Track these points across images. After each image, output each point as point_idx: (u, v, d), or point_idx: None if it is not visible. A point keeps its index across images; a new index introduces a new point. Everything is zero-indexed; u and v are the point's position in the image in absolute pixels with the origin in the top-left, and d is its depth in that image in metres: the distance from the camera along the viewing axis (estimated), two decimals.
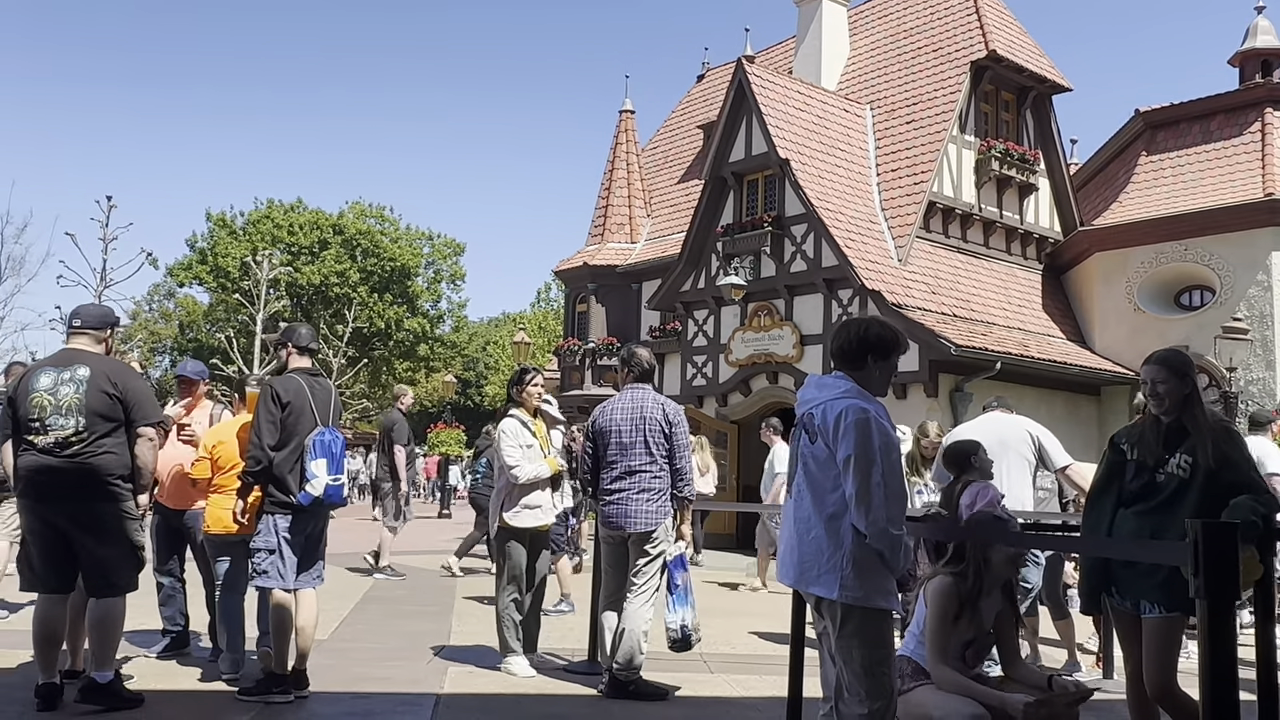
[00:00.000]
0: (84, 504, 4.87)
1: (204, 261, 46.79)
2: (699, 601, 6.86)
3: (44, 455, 4.83)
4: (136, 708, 4.94)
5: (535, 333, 43.00)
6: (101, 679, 4.85)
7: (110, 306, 5.79)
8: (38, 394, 4.88)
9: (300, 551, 5.36)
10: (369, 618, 8.22)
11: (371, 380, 49.62)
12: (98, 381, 4.91)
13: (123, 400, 4.95)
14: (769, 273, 17.05)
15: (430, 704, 5.32)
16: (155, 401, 5.16)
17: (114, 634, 4.98)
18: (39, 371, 5.01)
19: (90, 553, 4.89)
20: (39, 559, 4.95)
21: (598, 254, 21.24)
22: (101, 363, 5.04)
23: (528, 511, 6.21)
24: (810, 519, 3.47)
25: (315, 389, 5.48)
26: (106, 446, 4.91)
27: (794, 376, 16.40)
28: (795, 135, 17.13)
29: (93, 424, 4.87)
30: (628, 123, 22.64)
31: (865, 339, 3.59)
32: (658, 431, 5.74)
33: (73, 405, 4.86)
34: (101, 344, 5.19)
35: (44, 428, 4.84)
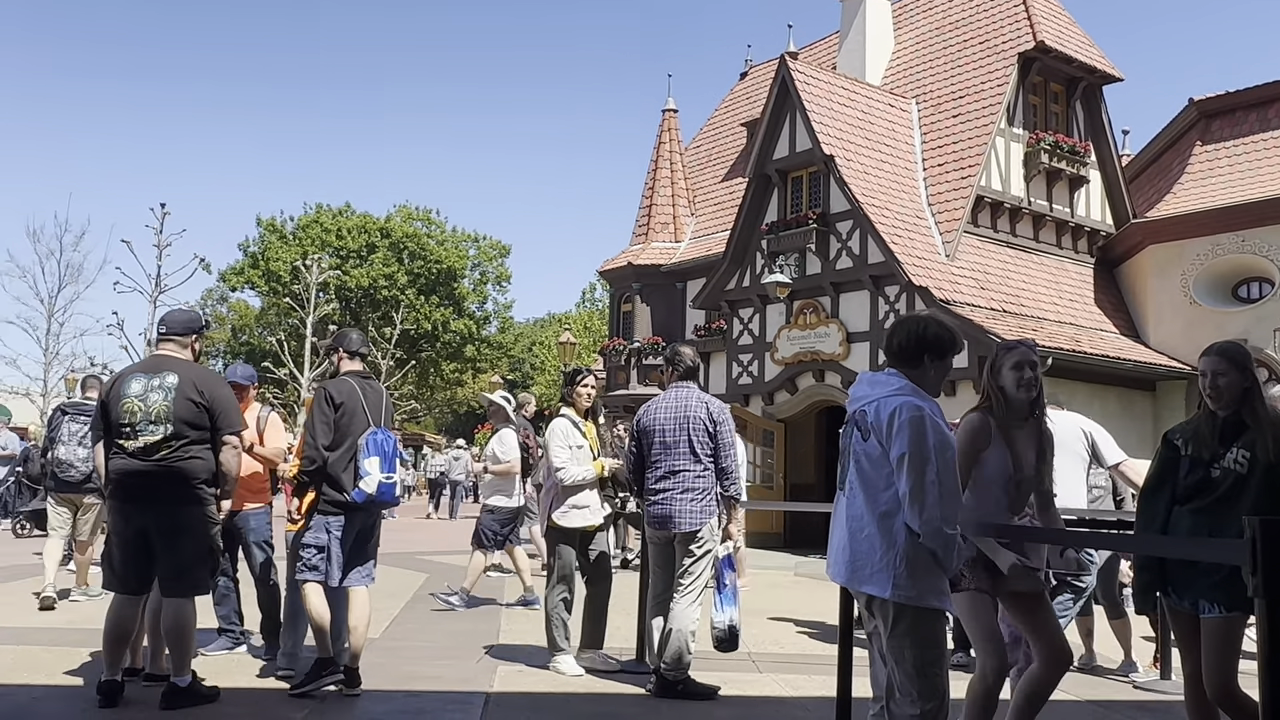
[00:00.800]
0: (168, 507, 4.99)
1: (255, 266, 47.57)
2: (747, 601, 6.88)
3: (133, 459, 4.97)
4: (215, 701, 5.08)
5: (580, 333, 43.14)
6: (181, 683, 4.98)
7: (197, 311, 5.90)
8: (129, 400, 5.01)
9: (350, 550, 5.44)
10: (419, 617, 8.30)
11: (419, 381, 50.11)
12: (185, 390, 5.02)
13: (209, 409, 5.06)
14: (814, 270, 16.95)
15: (480, 702, 5.36)
16: (239, 410, 5.26)
17: (189, 639, 5.12)
18: (130, 377, 5.13)
19: (169, 554, 5.01)
20: (120, 559, 5.08)
21: (642, 253, 21.24)
22: (189, 370, 5.16)
23: (575, 511, 6.23)
24: (862, 517, 3.44)
25: (367, 391, 5.56)
26: (193, 453, 5.03)
27: (841, 374, 16.28)
28: (840, 131, 17.01)
29: (180, 431, 4.99)
30: (671, 121, 22.62)
31: (923, 338, 3.55)
32: (701, 431, 5.72)
33: (161, 412, 4.98)
34: (188, 349, 5.32)
35: (134, 433, 4.97)
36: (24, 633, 7.01)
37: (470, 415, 54.86)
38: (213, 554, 5.19)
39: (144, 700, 5.03)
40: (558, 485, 6.20)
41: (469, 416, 55.22)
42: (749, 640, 7.54)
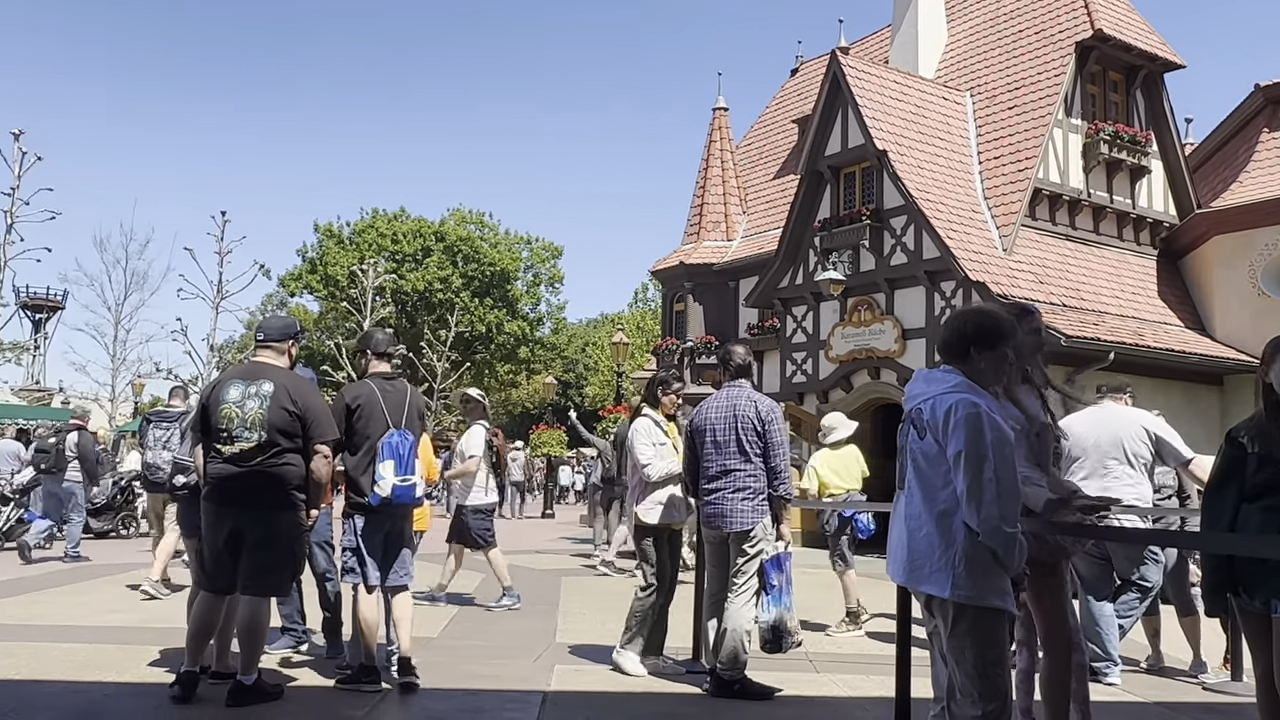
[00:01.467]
0: (261, 512, 5.10)
1: (314, 271, 48.37)
2: (803, 600, 6.83)
3: (228, 464, 5.09)
4: (279, 699, 5.18)
5: (633, 333, 43.24)
6: (247, 680, 5.09)
7: (293, 318, 6.02)
8: (227, 405, 5.13)
9: (380, 551, 5.52)
10: (476, 616, 8.37)
11: (474, 383, 50.53)
12: (280, 398, 5.13)
13: (302, 418, 5.15)
14: (868, 266, 16.79)
15: (538, 701, 5.39)
16: (332, 419, 5.34)
17: (261, 639, 5.24)
18: (230, 383, 5.24)
19: (254, 555, 5.12)
20: (210, 560, 5.21)
21: (694, 252, 21.21)
22: (285, 378, 5.26)
23: (659, 508, 6.24)
24: (921, 516, 3.40)
25: (388, 392, 5.60)
26: (285, 460, 5.13)
27: (896, 371, 16.11)
28: (893, 125, 16.83)
29: (274, 438, 5.09)
30: (721, 120, 22.56)
31: (964, 331, 3.50)
32: (751, 430, 5.69)
33: (257, 420, 5.09)
34: (283, 355, 5.42)
35: (231, 438, 5.09)
36: (97, 631, 7.21)
37: (525, 416, 55.22)
38: (296, 559, 5.30)
39: (210, 698, 5.14)
40: (643, 482, 6.23)
41: (524, 417, 55.59)
42: (806, 640, 7.50)
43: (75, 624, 7.58)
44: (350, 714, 5.04)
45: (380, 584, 5.55)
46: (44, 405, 29.92)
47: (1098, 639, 6.05)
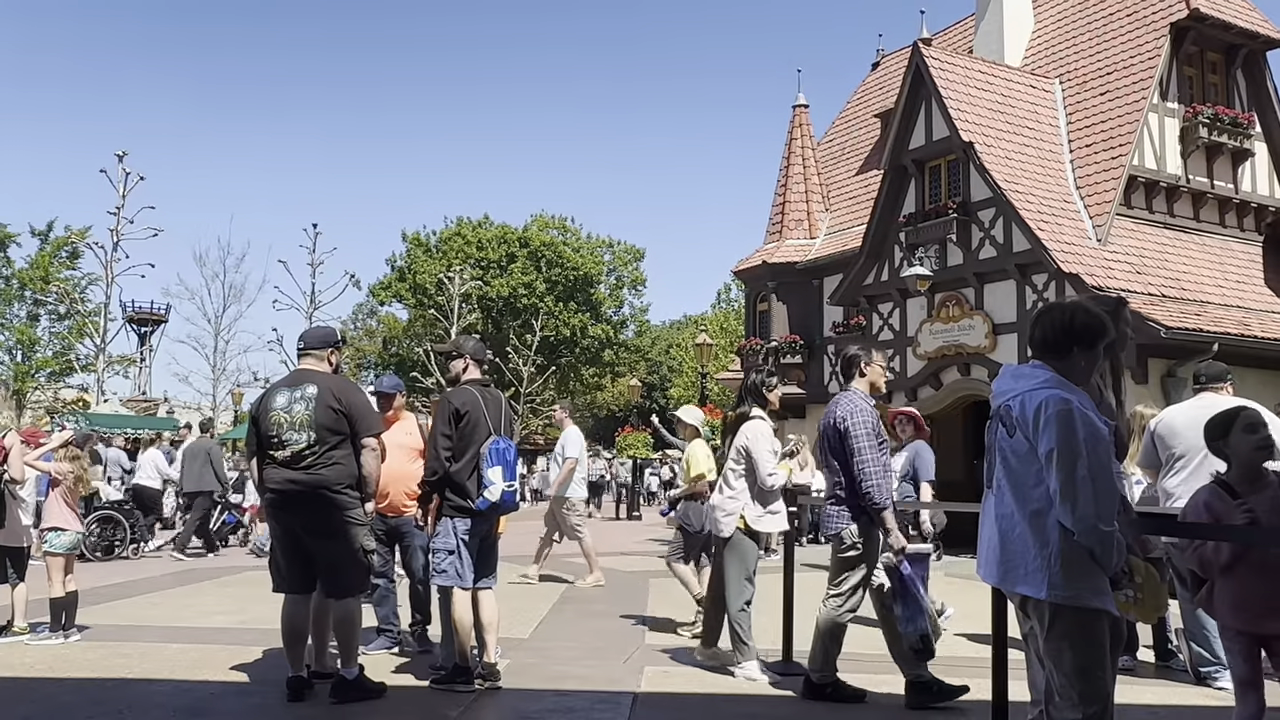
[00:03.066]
0: (317, 511, 5.26)
1: (402, 280, 49.44)
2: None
3: (282, 468, 5.27)
4: (380, 697, 5.32)
5: (717, 333, 43.09)
6: (349, 675, 5.25)
7: (332, 327, 6.22)
8: (275, 412, 5.32)
9: (477, 553, 5.61)
10: (566, 618, 8.44)
11: (559, 387, 50.99)
12: (324, 398, 5.30)
13: (347, 415, 5.32)
14: (956, 261, 16.46)
15: (628, 702, 5.41)
16: (376, 414, 5.52)
17: (355, 634, 5.39)
18: (276, 391, 5.45)
19: (323, 557, 5.30)
20: (283, 562, 5.41)
21: (776, 251, 21.06)
22: (328, 380, 5.44)
23: (771, 517, 6.15)
24: (1013, 516, 3.31)
25: (487, 399, 5.71)
26: (335, 458, 5.29)
27: (987, 368, 15.75)
28: (978, 116, 16.48)
29: (322, 437, 5.26)
30: (802, 117, 22.36)
31: (1071, 327, 3.37)
32: (834, 437, 5.58)
33: (304, 421, 5.26)
34: (325, 362, 5.60)
35: (281, 443, 5.27)
36: (203, 633, 7.48)
37: (610, 419, 55.49)
38: (365, 554, 5.42)
39: (313, 696, 5.29)
40: (761, 488, 6.07)
41: (609, 420, 55.87)
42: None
43: (183, 625, 7.87)
44: (445, 713, 5.13)
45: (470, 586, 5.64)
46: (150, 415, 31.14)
47: (1205, 643, 5.82)
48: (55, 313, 36.02)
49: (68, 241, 34.74)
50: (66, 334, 36.27)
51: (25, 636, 7.00)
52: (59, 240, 35.35)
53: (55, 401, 31.98)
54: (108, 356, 31.29)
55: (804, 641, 6.69)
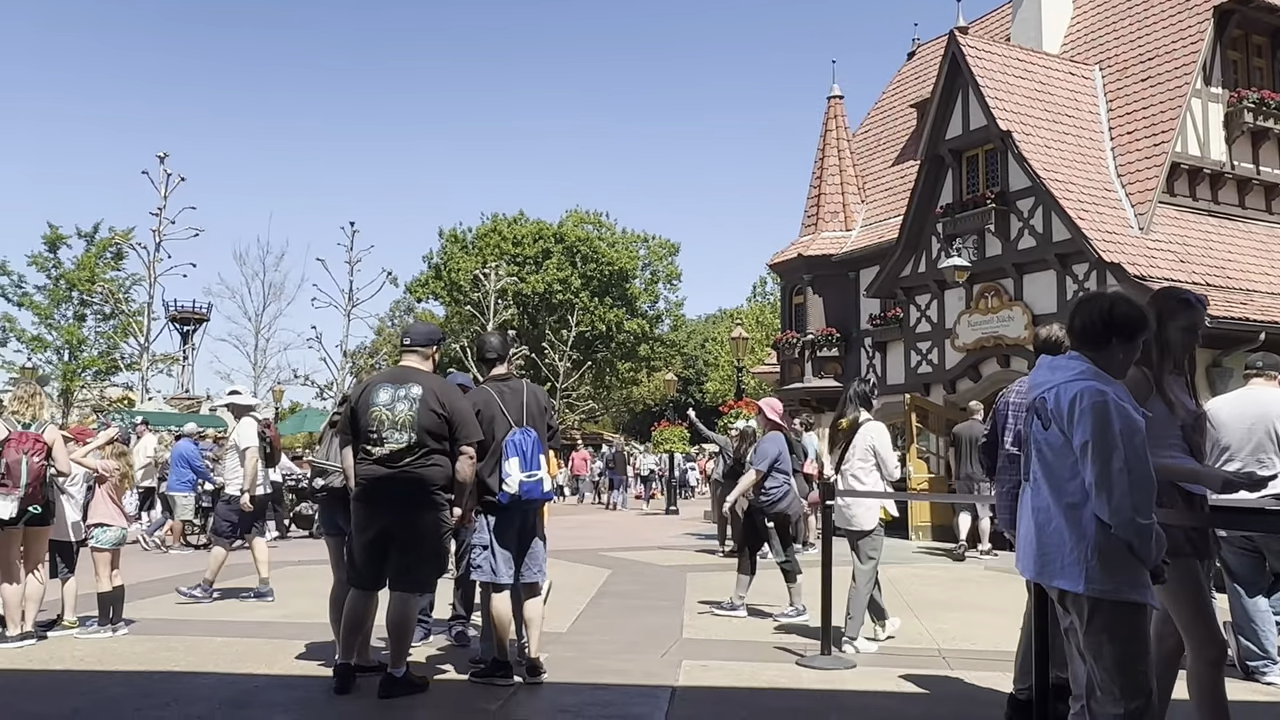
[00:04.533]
0: (408, 511, 5.32)
1: (438, 277, 49.76)
2: (927, 595, 6.70)
3: (378, 465, 5.32)
4: (424, 691, 5.39)
5: (753, 327, 42.92)
6: (397, 673, 5.32)
7: (436, 326, 6.26)
8: (377, 409, 5.36)
9: (514, 547, 5.64)
10: (604, 612, 8.47)
11: (596, 382, 51.12)
12: (429, 401, 5.34)
13: (449, 420, 5.36)
14: (994, 252, 16.28)
15: (666, 696, 5.42)
16: (476, 422, 5.51)
17: (409, 634, 5.47)
18: (379, 386, 5.47)
19: (402, 553, 5.34)
20: (361, 557, 5.45)
21: (812, 244, 20.95)
22: (432, 381, 5.48)
23: (873, 513, 6.84)
24: (1049, 509, 3.28)
25: (505, 393, 5.72)
26: (433, 460, 5.34)
27: (1027, 359, 15.55)
28: (1016, 105, 16.27)
29: (423, 440, 5.30)
30: (837, 108, 22.21)
31: (1111, 319, 3.31)
32: None
33: (406, 421, 5.31)
34: (428, 360, 5.65)
35: (381, 440, 5.32)
36: (246, 626, 7.59)
37: (647, 414, 55.52)
38: (442, 556, 5.48)
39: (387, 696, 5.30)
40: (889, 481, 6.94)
41: (645, 415, 55.91)
42: (939, 636, 7.34)
43: (227, 619, 7.99)
44: (484, 707, 5.17)
45: (514, 581, 5.68)
46: (193, 412, 31.60)
47: (1254, 636, 5.72)
48: (101, 313, 36.65)
49: (112, 243, 35.33)
50: (111, 333, 36.90)
51: (75, 630, 7.16)
52: (104, 241, 35.97)
53: (101, 400, 32.56)
54: (151, 355, 31.77)
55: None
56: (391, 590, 5.42)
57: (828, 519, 6.84)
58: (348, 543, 5.68)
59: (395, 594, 5.40)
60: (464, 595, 7.00)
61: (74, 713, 5.07)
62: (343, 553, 5.99)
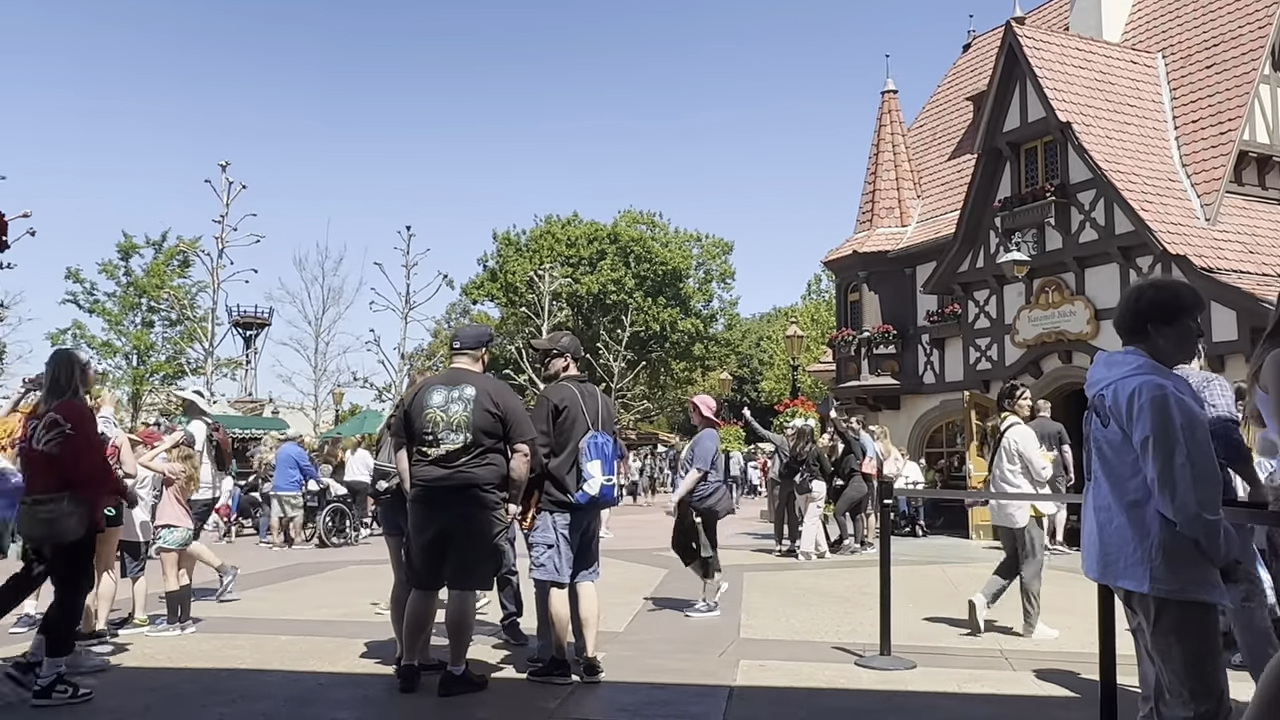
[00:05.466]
0: (464, 510, 5.36)
1: (494, 279, 50.16)
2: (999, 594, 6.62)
3: (434, 466, 5.37)
4: (483, 689, 5.44)
5: (808, 325, 42.63)
6: (457, 671, 5.38)
7: (485, 326, 6.34)
8: (431, 410, 5.42)
9: (577, 547, 5.67)
10: (660, 612, 8.47)
11: (650, 381, 51.14)
12: (482, 401, 5.39)
13: (503, 419, 5.40)
14: (1055, 245, 15.97)
15: (724, 695, 5.41)
16: (529, 420, 5.57)
17: (467, 633, 5.51)
18: (432, 389, 5.53)
19: (460, 552, 5.39)
20: (419, 558, 5.50)
21: (867, 240, 20.74)
22: (485, 382, 5.54)
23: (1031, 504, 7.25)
24: (1110, 507, 3.20)
25: (585, 395, 5.77)
26: (488, 460, 5.38)
27: (1090, 355, 15.26)
28: (1076, 95, 15.95)
29: (478, 439, 5.35)
30: (891, 103, 21.96)
31: (1139, 307, 3.26)
32: None
33: (462, 422, 5.36)
34: (478, 361, 5.71)
35: (436, 441, 5.37)
36: (310, 625, 7.73)
37: None
38: (499, 554, 5.52)
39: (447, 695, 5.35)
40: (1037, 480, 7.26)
41: None
42: (1001, 637, 7.22)
43: (290, 618, 8.15)
44: (543, 705, 5.20)
45: (571, 580, 5.72)
46: (256, 415, 32.23)
47: None
48: (168, 319, 37.54)
49: (179, 251, 36.17)
50: (178, 339, 37.77)
51: (145, 628, 7.34)
52: (171, 249, 36.84)
53: (168, 403, 33.36)
54: (216, 360, 32.50)
55: (901, 636, 6.60)
56: (450, 589, 5.47)
57: (886, 518, 6.78)
58: (406, 543, 5.75)
59: (454, 593, 5.45)
60: (511, 592, 7.05)
61: (146, 709, 5.20)
62: (402, 553, 6.05)
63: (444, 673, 5.39)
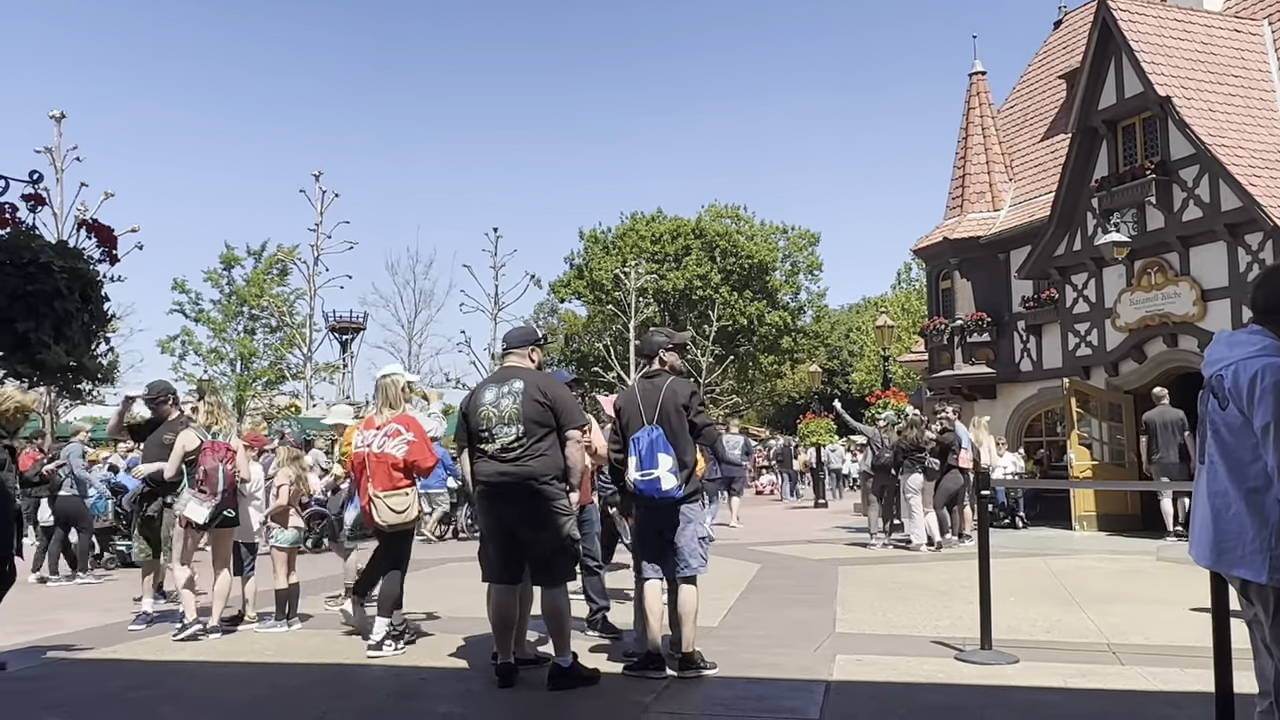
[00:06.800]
0: (526, 502, 5.47)
1: (580, 277, 50.55)
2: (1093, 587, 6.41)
3: (493, 460, 5.51)
4: (596, 683, 5.49)
5: (898, 315, 41.97)
6: (563, 663, 5.46)
7: (532, 327, 6.57)
8: (484, 407, 5.57)
9: (655, 543, 5.72)
10: (754, 606, 8.44)
11: (739, 376, 50.94)
12: (530, 392, 5.52)
13: (552, 408, 5.52)
14: (1156, 225, 15.40)
15: (820, 690, 5.36)
16: (579, 408, 5.70)
17: (566, 623, 5.59)
18: (484, 388, 5.72)
19: (532, 546, 5.51)
20: (493, 552, 5.64)
21: (958, 226, 20.31)
22: (532, 375, 5.69)
23: None
24: (1227, 494, 3.08)
25: (645, 390, 5.83)
26: (542, 450, 5.49)
27: (1197, 337, 14.68)
28: (1176, 68, 15.35)
29: (530, 430, 5.47)
30: (979, 85, 21.45)
31: (1272, 287, 3.12)
32: None
33: (512, 415, 5.50)
34: (527, 359, 5.84)
35: (491, 436, 5.52)
36: (411, 621, 7.88)
37: (791, 406, 54.99)
38: (573, 543, 5.60)
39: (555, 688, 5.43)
40: None
41: (790, 408, 55.37)
42: (1108, 630, 7.01)
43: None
44: (639, 699, 5.23)
45: (660, 576, 5.75)
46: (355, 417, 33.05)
47: None
48: (268, 326, 38.79)
49: (277, 260, 37.32)
50: (279, 345, 39.00)
51: (255, 625, 7.62)
52: (271, 258, 38.04)
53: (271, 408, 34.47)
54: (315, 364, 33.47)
55: (1003, 630, 6.46)
56: (534, 586, 5.59)
57: (984, 511, 6.64)
58: (482, 539, 5.87)
59: (544, 590, 5.55)
60: (594, 584, 7.12)
61: (255, 702, 5.40)
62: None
63: (551, 665, 5.48)
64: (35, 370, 4.38)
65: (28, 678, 6.17)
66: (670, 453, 5.56)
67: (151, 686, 5.82)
